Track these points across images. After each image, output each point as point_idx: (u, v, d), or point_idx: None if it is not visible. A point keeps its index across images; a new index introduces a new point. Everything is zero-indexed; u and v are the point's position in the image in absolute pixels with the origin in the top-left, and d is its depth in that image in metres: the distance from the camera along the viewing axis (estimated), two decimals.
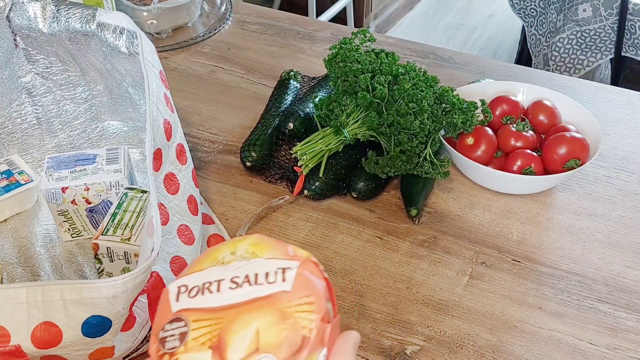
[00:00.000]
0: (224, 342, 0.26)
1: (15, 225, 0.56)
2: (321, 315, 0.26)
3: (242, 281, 0.27)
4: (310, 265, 0.28)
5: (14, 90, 0.57)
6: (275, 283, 0.27)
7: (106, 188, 0.52)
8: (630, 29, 1.32)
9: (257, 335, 0.25)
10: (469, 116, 0.58)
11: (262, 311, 0.26)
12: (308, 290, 0.27)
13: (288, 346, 0.25)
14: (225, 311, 0.26)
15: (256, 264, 0.27)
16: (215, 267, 0.28)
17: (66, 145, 0.61)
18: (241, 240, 0.29)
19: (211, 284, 0.27)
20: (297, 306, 0.26)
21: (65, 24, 0.51)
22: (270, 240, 0.29)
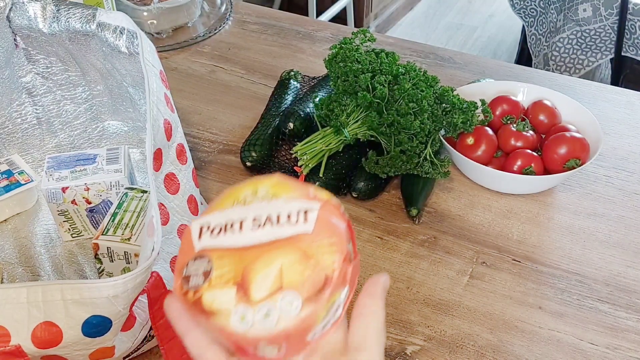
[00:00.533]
0: (248, 279, 0.26)
1: (16, 225, 0.56)
2: (343, 255, 0.26)
3: (264, 221, 0.27)
4: (331, 207, 0.28)
5: (14, 90, 0.57)
6: (297, 224, 0.27)
7: (106, 188, 0.52)
8: (630, 28, 1.32)
9: (281, 274, 0.26)
10: (469, 116, 0.58)
11: (285, 251, 0.26)
12: (329, 231, 0.27)
13: (311, 285, 0.25)
14: (248, 250, 0.26)
15: (277, 205, 0.27)
16: (236, 206, 0.28)
17: (66, 145, 0.61)
18: (262, 181, 0.29)
19: (233, 224, 0.27)
20: (319, 247, 0.26)
21: (65, 23, 0.51)
22: (291, 181, 0.29)
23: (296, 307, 0.25)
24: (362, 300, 0.28)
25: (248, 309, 0.25)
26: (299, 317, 0.25)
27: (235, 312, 0.25)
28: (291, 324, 0.25)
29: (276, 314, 0.25)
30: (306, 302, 0.25)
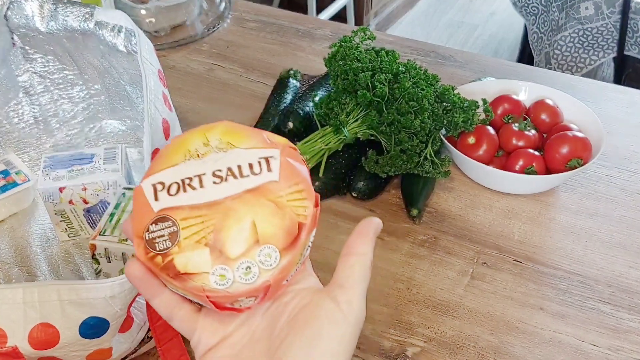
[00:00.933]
0: (221, 238, 0.25)
1: (12, 225, 0.56)
2: (313, 201, 0.26)
3: (225, 174, 0.26)
4: (290, 151, 0.27)
5: (11, 89, 0.57)
6: (261, 174, 0.26)
7: (104, 188, 0.51)
8: (632, 27, 1.31)
9: (254, 228, 0.25)
10: (470, 115, 0.58)
11: (255, 204, 0.25)
12: (295, 177, 0.26)
13: (286, 235, 0.25)
14: (214, 207, 0.25)
15: (235, 155, 0.26)
16: (190, 160, 0.26)
17: (64, 145, 0.61)
18: (209, 129, 0.27)
19: (192, 180, 0.26)
20: (288, 195, 0.26)
21: (62, 22, 0.50)
22: (241, 127, 0.27)
23: (275, 259, 0.25)
24: (352, 239, 0.28)
25: (226, 267, 0.25)
26: (278, 267, 0.25)
27: (213, 272, 0.25)
28: (271, 276, 0.25)
29: (256, 268, 0.25)
30: (283, 252, 0.25)
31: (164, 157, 0.27)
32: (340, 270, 0.28)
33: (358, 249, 0.28)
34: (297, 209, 0.26)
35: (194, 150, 0.27)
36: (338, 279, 0.27)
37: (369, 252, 0.28)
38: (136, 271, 0.26)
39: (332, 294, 0.27)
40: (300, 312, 0.26)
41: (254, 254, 0.25)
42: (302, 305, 0.27)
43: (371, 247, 0.28)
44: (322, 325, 0.25)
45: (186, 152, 0.27)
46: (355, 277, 0.27)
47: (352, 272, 0.27)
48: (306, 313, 0.26)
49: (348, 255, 0.28)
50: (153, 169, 0.27)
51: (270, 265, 0.25)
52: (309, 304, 0.26)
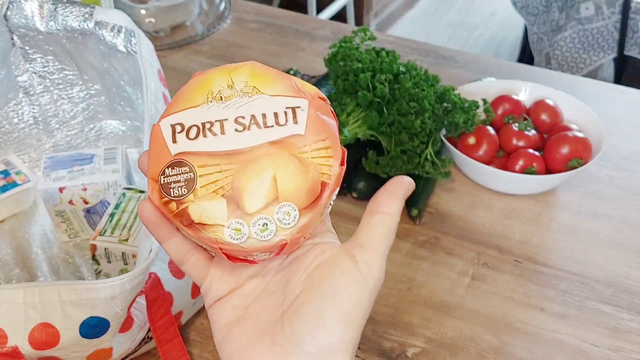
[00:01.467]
0: (239, 190, 0.24)
1: (12, 226, 0.55)
2: (339, 160, 0.24)
3: (248, 122, 0.24)
4: (320, 103, 0.25)
5: (11, 89, 0.56)
6: (287, 125, 0.24)
7: (104, 188, 0.51)
8: (633, 27, 1.31)
9: (274, 184, 0.24)
10: (471, 115, 0.58)
11: (277, 158, 0.24)
12: (322, 133, 0.24)
13: (308, 194, 0.24)
14: (234, 157, 0.24)
15: (261, 102, 0.24)
16: (212, 103, 0.25)
17: (64, 145, 0.61)
18: (235, 70, 0.25)
19: (212, 125, 0.24)
20: (313, 151, 0.24)
21: (62, 22, 0.50)
22: (270, 71, 0.25)
23: (294, 218, 0.24)
24: (379, 196, 0.26)
25: (242, 222, 0.24)
26: (297, 226, 0.24)
27: (229, 225, 0.24)
28: (289, 235, 0.24)
29: (273, 226, 0.24)
30: (303, 212, 0.24)
31: (185, 96, 0.25)
32: (362, 229, 0.26)
33: (384, 208, 0.26)
34: (322, 167, 0.24)
35: (217, 92, 0.25)
36: (359, 237, 0.26)
37: (395, 213, 0.26)
38: (149, 213, 0.25)
39: (351, 252, 0.25)
40: (316, 268, 0.25)
41: (272, 211, 0.24)
42: (319, 261, 0.25)
43: (399, 207, 0.26)
44: (338, 285, 0.24)
45: (208, 93, 0.25)
46: (377, 238, 0.25)
47: (375, 232, 0.25)
48: (322, 270, 0.25)
49: (372, 213, 0.26)
50: (172, 108, 0.25)
51: (288, 224, 0.24)
52: (326, 261, 0.25)
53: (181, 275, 0.45)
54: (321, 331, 0.23)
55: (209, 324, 0.49)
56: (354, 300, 0.24)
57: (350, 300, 0.24)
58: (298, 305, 0.24)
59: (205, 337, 0.48)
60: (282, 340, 0.24)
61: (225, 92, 0.25)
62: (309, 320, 0.24)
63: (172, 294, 0.43)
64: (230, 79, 0.25)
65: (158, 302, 0.41)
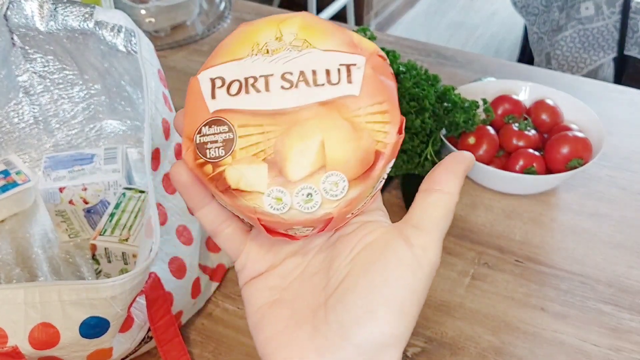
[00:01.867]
0: (282, 155, 0.21)
1: (13, 226, 0.55)
2: (397, 126, 0.22)
3: (296, 79, 0.21)
4: (378, 61, 0.22)
5: (12, 89, 0.56)
6: (339, 84, 0.21)
7: (104, 188, 0.51)
8: (633, 27, 1.31)
9: (322, 150, 0.21)
10: (471, 115, 0.58)
11: (327, 120, 0.21)
12: (380, 95, 0.21)
13: (359, 163, 0.21)
14: (278, 116, 0.21)
15: (312, 57, 0.22)
16: (257, 56, 0.22)
17: (64, 145, 0.61)
18: (285, 21, 0.22)
19: (257, 80, 0.22)
20: (367, 115, 0.21)
21: (62, 22, 0.50)
22: (323, 22, 0.23)
23: (342, 189, 0.21)
24: (437, 173, 0.23)
25: (284, 190, 0.21)
26: (345, 199, 0.21)
27: (269, 193, 0.21)
28: (335, 208, 0.21)
29: (319, 197, 0.21)
30: (353, 183, 0.21)
31: (227, 48, 0.23)
32: (417, 208, 0.23)
33: (442, 186, 0.23)
34: (377, 133, 0.21)
35: (264, 45, 0.22)
36: (414, 217, 0.23)
37: (455, 192, 0.23)
38: (182, 176, 0.22)
39: (405, 234, 0.22)
40: (365, 249, 0.22)
41: (317, 180, 0.21)
42: (367, 241, 0.23)
43: (459, 186, 0.23)
44: (391, 270, 0.21)
45: (254, 45, 0.22)
46: (434, 219, 0.22)
47: (433, 212, 0.23)
48: (372, 252, 0.22)
49: (429, 192, 0.23)
50: (213, 60, 0.23)
51: (335, 195, 0.21)
52: (376, 242, 0.22)
53: (181, 275, 0.45)
54: (371, 322, 0.21)
55: (209, 324, 0.49)
56: (408, 288, 0.21)
57: (404, 287, 0.21)
58: (344, 291, 0.22)
59: (205, 337, 0.48)
60: (325, 330, 0.22)
61: (272, 45, 0.22)
62: (356, 309, 0.21)
63: (172, 294, 0.43)
64: (279, 30, 0.22)
65: (158, 302, 0.41)
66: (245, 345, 0.47)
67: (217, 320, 0.49)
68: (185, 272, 0.45)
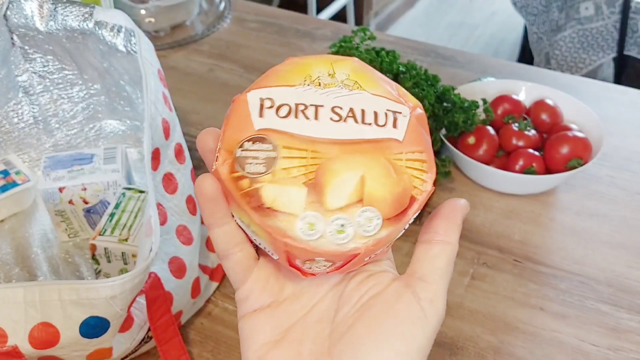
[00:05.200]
0: (322, 182, 0.21)
1: (12, 226, 0.55)
2: (434, 176, 0.22)
3: (346, 114, 0.22)
4: (420, 115, 0.23)
5: (11, 89, 0.56)
6: (385, 127, 0.22)
7: (104, 188, 0.51)
8: (632, 27, 1.31)
9: (362, 184, 0.21)
10: (470, 115, 0.58)
11: (371, 157, 0.21)
12: (421, 144, 0.22)
13: (395, 204, 0.21)
14: (324, 145, 0.21)
15: (362, 98, 0.22)
16: (310, 86, 0.23)
17: (63, 145, 0.61)
18: (338, 61, 0.23)
19: (307, 108, 0.22)
20: (408, 160, 0.22)
21: (62, 22, 0.50)
22: (372, 71, 0.24)
23: (375, 227, 0.21)
24: (437, 225, 0.24)
25: (319, 217, 0.21)
26: (375, 237, 0.21)
27: (304, 217, 0.21)
28: (364, 244, 0.21)
29: (351, 230, 0.21)
30: (386, 222, 0.21)
31: (279, 74, 0.23)
32: (421, 260, 0.23)
33: (444, 236, 0.23)
34: (415, 179, 0.22)
35: (316, 78, 0.23)
36: (419, 270, 0.23)
37: (455, 241, 0.23)
38: (209, 187, 0.22)
39: (412, 287, 0.23)
40: (373, 300, 0.22)
41: (353, 213, 0.21)
42: (375, 292, 0.23)
43: (458, 235, 0.24)
44: (400, 323, 0.22)
45: (307, 76, 0.23)
46: (439, 271, 0.23)
47: (437, 265, 0.23)
48: (381, 304, 0.22)
49: (431, 243, 0.24)
50: (264, 82, 0.23)
51: (367, 231, 0.21)
52: (385, 294, 0.23)
53: (181, 275, 0.45)
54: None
55: (209, 324, 0.49)
56: (417, 339, 0.22)
57: (414, 339, 0.22)
58: (351, 339, 0.22)
59: (205, 337, 0.48)
60: None
61: (325, 79, 0.23)
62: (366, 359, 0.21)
63: (172, 294, 0.43)
64: (332, 68, 0.23)
65: (158, 301, 0.41)
66: None
67: (217, 320, 0.49)
68: (185, 272, 0.45)
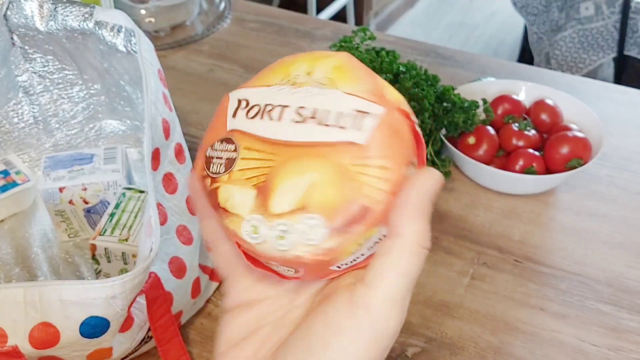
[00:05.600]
0: (270, 186, 0.21)
1: (12, 226, 0.55)
2: (394, 186, 0.20)
3: (307, 115, 0.21)
4: (397, 116, 0.21)
5: (11, 89, 0.56)
6: (347, 130, 0.20)
7: (104, 188, 0.51)
8: (632, 27, 1.31)
9: (310, 189, 0.20)
10: (470, 115, 0.58)
11: (323, 161, 0.20)
12: (385, 149, 0.20)
13: (342, 213, 0.20)
14: (281, 148, 0.21)
15: (332, 97, 0.21)
16: (285, 86, 0.22)
17: (63, 145, 0.61)
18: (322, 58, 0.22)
19: (274, 108, 0.22)
20: (365, 167, 0.20)
21: (62, 22, 0.50)
22: (360, 67, 0.22)
23: (318, 236, 0.20)
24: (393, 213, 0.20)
25: (263, 221, 0.21)
26: (319, 247, 0.20)
27: (248, 220, 0.21)
28: (307, 253, 0.20)
29: (292, 237, 0.20)
30: (333, 233, 0.20)
31: (265, 73, 0.23)
32: (371, 264, 0.21)
33: (393, 228, 0.20)
34: (369, 188, 0.20)
35: (294, 77, 0.22)
36: (367, 271, 0.20)
37: (410, 233, 0.20)
38: (193, 184, 0.23)
39: (352, 292, 0.20)
40: (317, 308, 0.21)
41: (294, 219, 0.20)
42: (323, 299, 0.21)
43: (417, 223, 0.20)
44: (328, 332, 0.19)
45: (285, 75, 0.23)
46: (381, 272, 0.20)
47: (380, 265, 0.20)
48: (318, 310, 0.21)
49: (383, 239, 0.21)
50: (250, 82, 0.23)
51: (311, 240, 0.20)
52: (327, 302, 0.21)
53: (181, 275, 0.45)
54: None
55: (209, 324, 0.49)
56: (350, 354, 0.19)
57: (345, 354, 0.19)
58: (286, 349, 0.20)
59: (205, 337, 0.48)
60: None
61: (301, 78, 0.22)
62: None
63: (172, 294, 0.43)
64: (313, 65, 0.22)
65: (158, 301, 0.41)
66: None
67: (217, 320, 0.49)
68: (185, 272, 0.45)
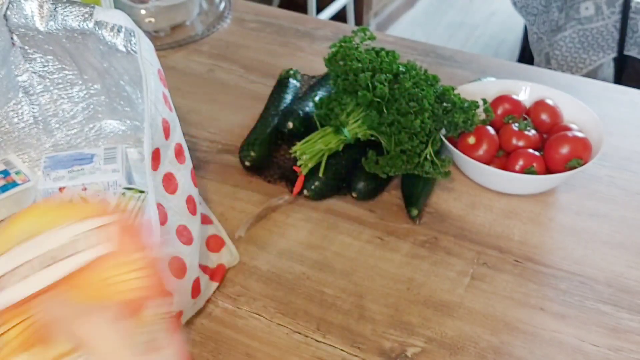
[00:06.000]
0: None
1: None
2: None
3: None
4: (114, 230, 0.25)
5: (11, 89, 0.56)
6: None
7: (104, 188, 0.51)
8: (632, 27, 1.31)
9: None
10: (470, 115, 0.58)
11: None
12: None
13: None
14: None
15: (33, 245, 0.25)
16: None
17: (63, 145, 0.61)
18: (18, 219, 0.26)
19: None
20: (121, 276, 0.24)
21: (62, 22, 0.50)
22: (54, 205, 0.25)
23: None
24: None
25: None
26: None
27: None
28: None
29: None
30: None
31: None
32: None
33: None
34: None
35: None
36: None
37: None
38: None
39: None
40: None
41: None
42: None
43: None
44: None
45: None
46: None
47: None
48: None
49: None
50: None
51: None
52: None
53: (181, 275, 0.45)
54: None
55: (209, 324, 0.49)
56: None
57: None
58: None
59: (205, 337, 0.48)
60: None
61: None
62: None
63: (172, 294, 0.43)
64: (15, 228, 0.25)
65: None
66: (245, 345, 0.47)
67: (217, 320, 0.49)
68: (185, 272, 0.45)
